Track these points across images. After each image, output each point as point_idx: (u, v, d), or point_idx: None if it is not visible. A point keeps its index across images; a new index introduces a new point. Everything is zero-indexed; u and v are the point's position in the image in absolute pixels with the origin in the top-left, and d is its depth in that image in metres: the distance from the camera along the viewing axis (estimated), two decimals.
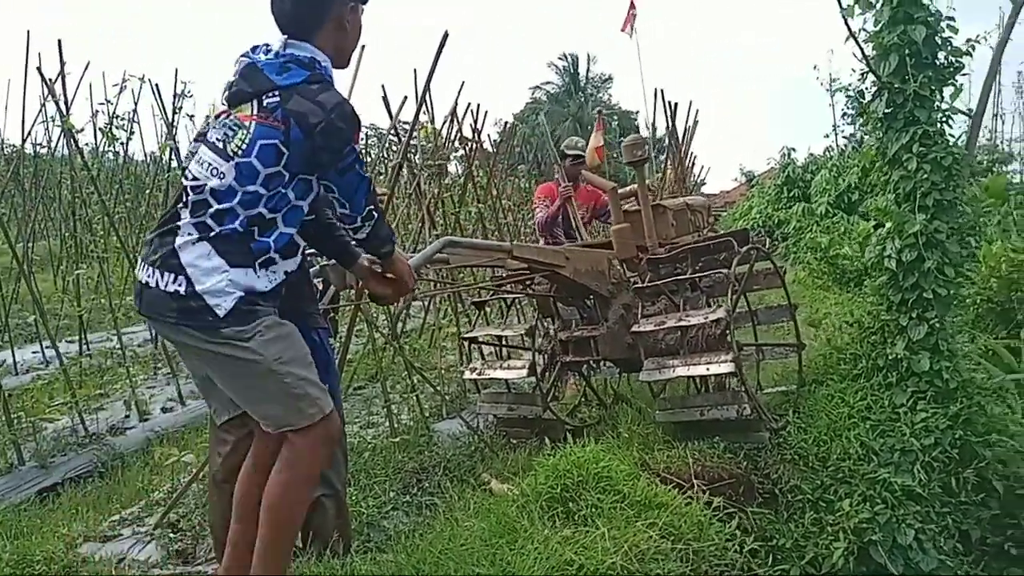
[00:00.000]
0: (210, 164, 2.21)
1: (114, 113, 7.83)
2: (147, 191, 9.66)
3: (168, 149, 6.38)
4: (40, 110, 7.77)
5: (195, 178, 2.22)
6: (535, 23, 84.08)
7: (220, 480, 2.91)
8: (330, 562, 2.74)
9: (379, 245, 2.48)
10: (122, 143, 8.73)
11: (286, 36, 2.30)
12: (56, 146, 8.91)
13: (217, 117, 2.32)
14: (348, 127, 2.23)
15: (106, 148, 9.18)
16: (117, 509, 3.75)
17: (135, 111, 8.70)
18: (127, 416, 5.14)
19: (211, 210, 2.17)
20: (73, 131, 5.70)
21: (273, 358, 2.19)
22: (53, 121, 7.56)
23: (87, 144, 8.69)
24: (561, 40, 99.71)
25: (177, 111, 6.77)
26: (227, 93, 2.28)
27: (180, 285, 2.13)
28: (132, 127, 8.72)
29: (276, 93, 2.20)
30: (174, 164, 6.60)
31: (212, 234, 2.16)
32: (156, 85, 6.99)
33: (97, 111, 7.99)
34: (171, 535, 3.32)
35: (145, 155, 11.07)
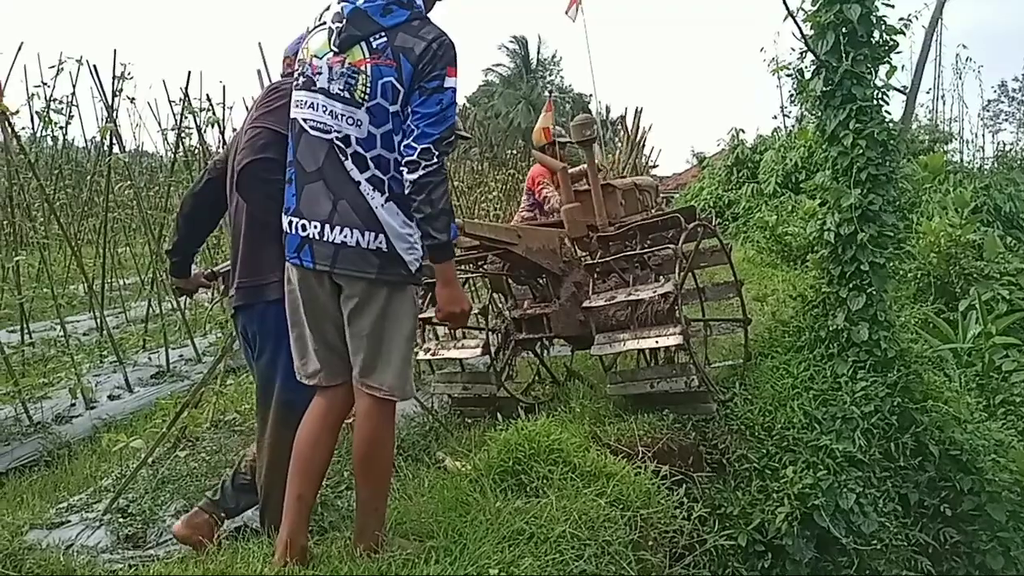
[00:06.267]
0: (344, 115, 2.35)
1: (51, 96, 7.56)
2: (88, 176, 9.38)
3: (108, 132, 6.19)
4: None
5: (337, 130, 2.35)
6: (485, 4, 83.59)
7: None
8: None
9: (431, 217, 2.32)
10: (60, 127, 8.44)
11: None
12: None
13: (315, 65, 2.41)
14: (444, 55, 2.34)
15: (44, 133, 8.90)
16: (64, 497, 3.67)
17: (73, 94, 8.41)
18: (73, 404, 5.02)
19: (369, 160, 2.34)
20: (8, 114, 5.50)
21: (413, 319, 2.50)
22: None
23: (24, 128, 8.41)
24: (511, 21, 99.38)
25: (117, 94, 6.53)
26: (336, 39, 2.37)
27: (381, 243, 2.34)
28: (71, 111, 8.44)
29: (383, 33, 2.33)
30: (115, 149, 6.43)
31: (391, 191, 2.35)
32: (95, 67, 6.77)
33: (33, 94, 7.73)
34: (121, 520, 3.28)
35: (85, 141, 10.72)
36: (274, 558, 2.49)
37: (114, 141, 6.36)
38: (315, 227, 2.37)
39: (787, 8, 4.72)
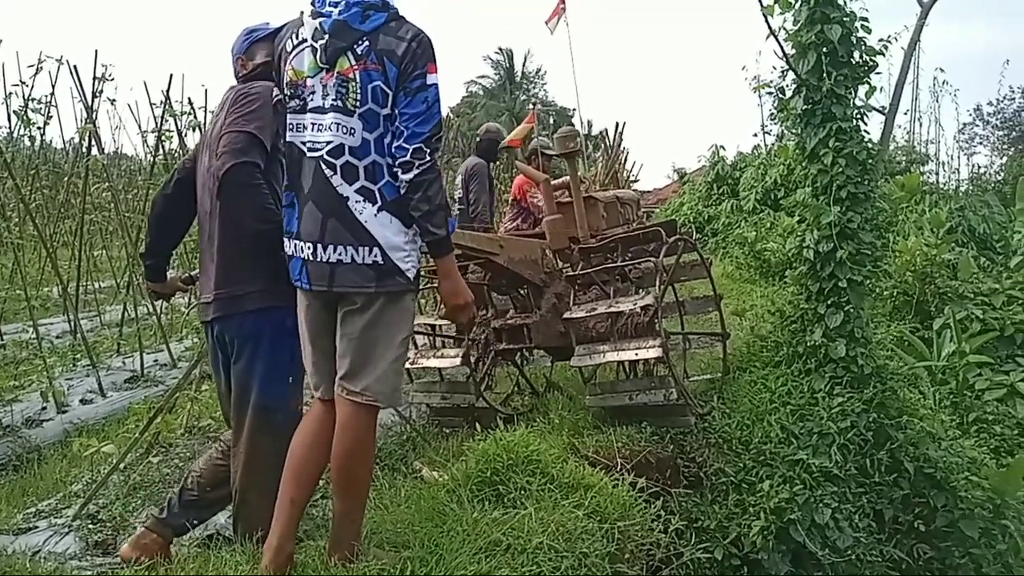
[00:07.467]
0: (337, 124, 2.34)
1: (30, 95, 7.47)
2: (65, 178, 9.26)
3: (87, 133, 6.12)
4: None
5: (328, 142, 2.34)
6: (469, 15, 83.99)
7: None
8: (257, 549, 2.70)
9: (429, 213, 2.33)
10: (38, 127, 8.34)
11: None
12: None
13: (309, 85, 2.39)
14: (424, 53, 2.34)
15: (21, 132, 8.78)
16: (33, 502, 3.60)
17: (52, 94, 8.32)
18: (44, 408, 4.94)
19: (361, 170, 2.32)
20: None
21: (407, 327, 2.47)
22: None
23: (0, 128, 8.29)
24: (496, 33, 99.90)
25: (97, 95, 6.46)
26: (323, 55, 2.36)
27: (376, 256, 2.33)
28: (49, 111, 8.34)
29: (365, 39, 2.34)
30: (94, 150, 6.36)
31: (384, 199, 2.33)
32: (75, 67, 6.70)
33: (11, 93, 7.64)
34: (90, 526, 3.22)
35: (64, 142, 10.60)
36: (262, 563, 2.44)
37: (93, 142, 6.30)
38: (308, 247, 2.38)
39: (769, 27, 4.79)
